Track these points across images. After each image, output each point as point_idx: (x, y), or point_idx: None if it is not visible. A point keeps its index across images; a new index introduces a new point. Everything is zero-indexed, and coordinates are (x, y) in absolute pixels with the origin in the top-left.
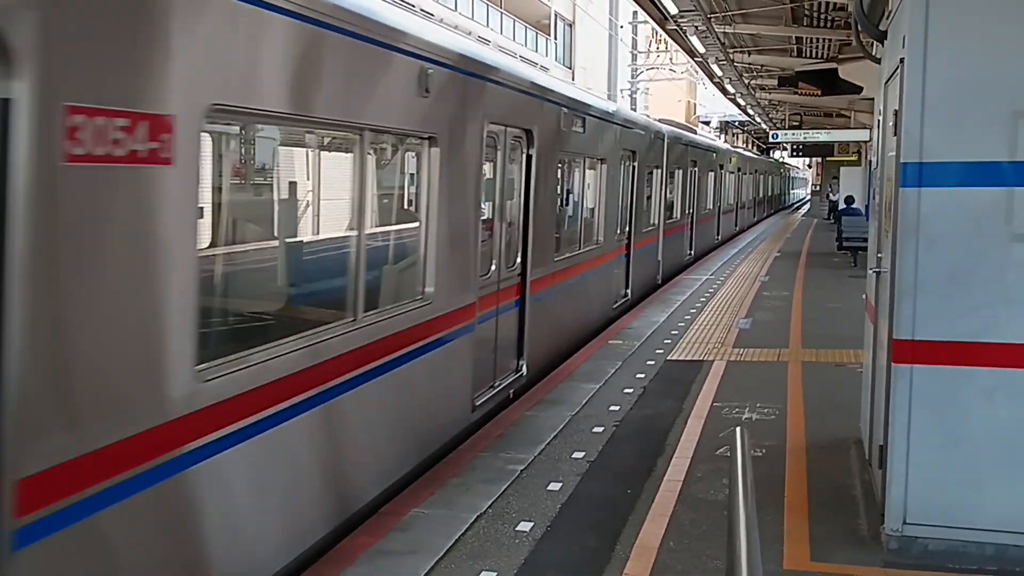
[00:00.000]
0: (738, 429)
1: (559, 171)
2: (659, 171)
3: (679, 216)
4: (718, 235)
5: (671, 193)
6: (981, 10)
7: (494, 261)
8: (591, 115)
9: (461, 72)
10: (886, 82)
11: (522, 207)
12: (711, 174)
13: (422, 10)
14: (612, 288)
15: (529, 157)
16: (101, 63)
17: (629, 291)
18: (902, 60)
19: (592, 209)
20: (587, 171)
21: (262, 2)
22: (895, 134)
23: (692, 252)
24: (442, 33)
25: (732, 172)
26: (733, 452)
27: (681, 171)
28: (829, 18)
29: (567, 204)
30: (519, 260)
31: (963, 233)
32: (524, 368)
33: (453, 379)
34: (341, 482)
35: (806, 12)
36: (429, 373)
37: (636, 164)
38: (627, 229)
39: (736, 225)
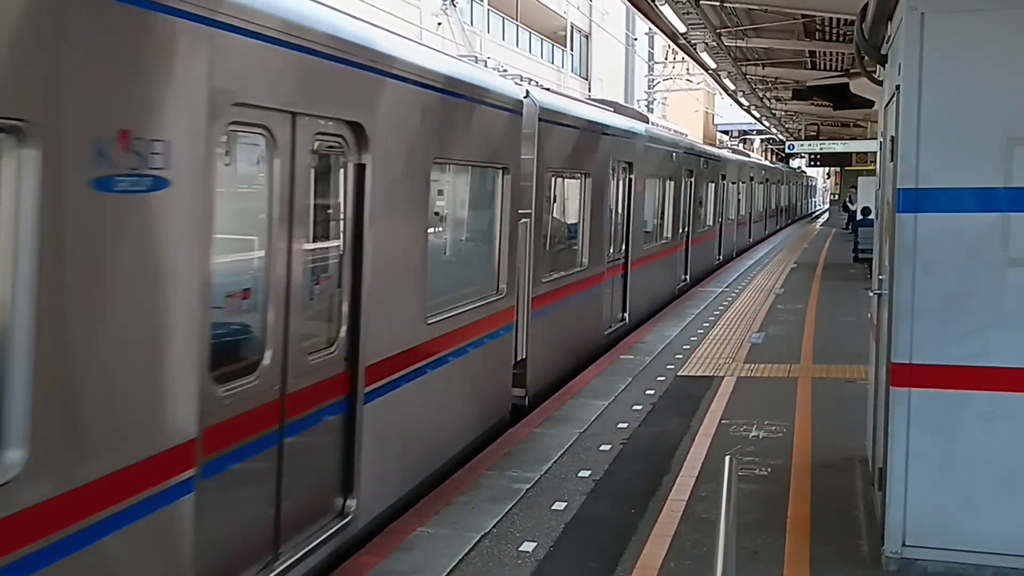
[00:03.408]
0: (727, 458)
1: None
2: None
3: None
4: (686, 274)
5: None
6: (975, 38)
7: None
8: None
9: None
10: (885, 106)
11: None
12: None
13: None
14: (713, 251)
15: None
16: None
17: (721, 255)
18: (898, 87)
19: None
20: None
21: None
22: (892, 160)
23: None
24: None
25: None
26: (720, 483)
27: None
28: (840, 32)
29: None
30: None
31: (959, 258)
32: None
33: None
34: None
35: (818, 26)
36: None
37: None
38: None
39: (719, 252)
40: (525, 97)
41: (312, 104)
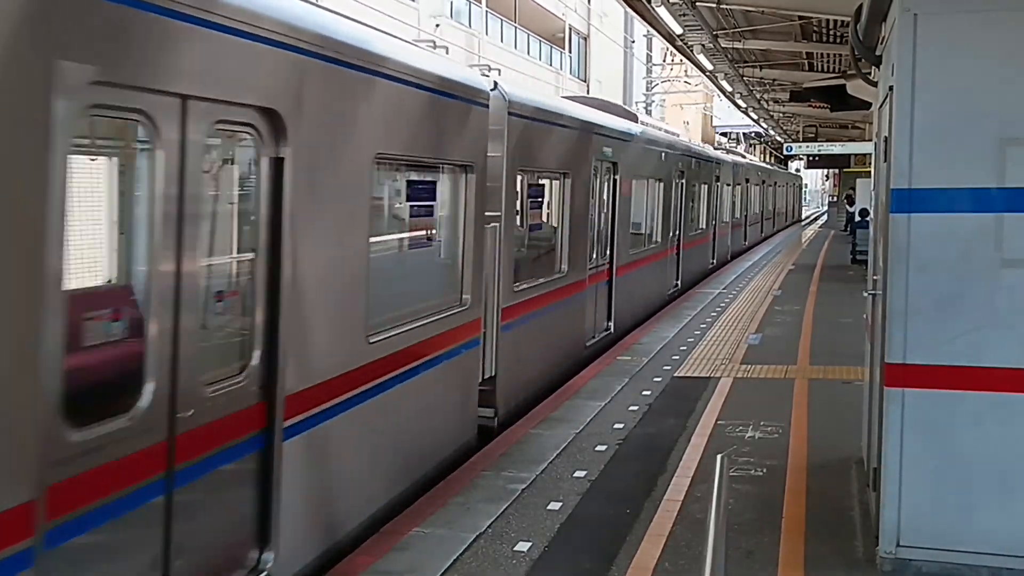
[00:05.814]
0: (719, 457)
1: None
2: None
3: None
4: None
5: None
6: (968, 39)
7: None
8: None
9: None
10: (879, 107)
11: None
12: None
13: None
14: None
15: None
16: None
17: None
18: (891, 88)
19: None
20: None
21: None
22: (885, 160)
23: None
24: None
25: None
26: (712, 482)
27: None
28: (837, 34)
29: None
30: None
31: (953, 258)
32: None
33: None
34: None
35: (815, 28)
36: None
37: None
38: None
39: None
40: (492, 89)
41: None
